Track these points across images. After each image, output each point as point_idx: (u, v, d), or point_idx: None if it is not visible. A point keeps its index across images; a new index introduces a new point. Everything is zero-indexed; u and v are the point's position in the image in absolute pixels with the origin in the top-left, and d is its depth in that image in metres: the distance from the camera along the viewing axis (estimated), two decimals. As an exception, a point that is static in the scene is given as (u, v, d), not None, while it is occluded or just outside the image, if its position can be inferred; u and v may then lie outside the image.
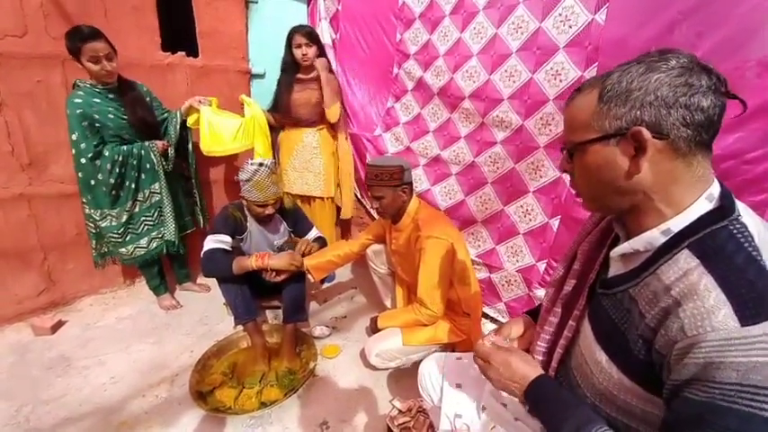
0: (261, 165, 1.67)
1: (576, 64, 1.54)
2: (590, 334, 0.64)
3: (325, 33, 2.48)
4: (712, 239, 0.51)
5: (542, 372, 0.69)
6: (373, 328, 1.62)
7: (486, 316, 2.01)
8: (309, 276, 1.77)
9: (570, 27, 1.54)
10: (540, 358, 0.75)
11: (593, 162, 0.58)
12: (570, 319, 0.70)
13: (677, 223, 0.54)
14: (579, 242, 0.75)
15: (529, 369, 0.69)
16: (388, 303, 1.98)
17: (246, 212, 1.83)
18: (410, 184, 1.57)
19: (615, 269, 0.64)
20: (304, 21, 2.57)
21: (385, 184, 1.50)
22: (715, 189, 0.55)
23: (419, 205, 1.61)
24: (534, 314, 0.94)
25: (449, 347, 1.64)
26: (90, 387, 1.61)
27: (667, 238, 0.55)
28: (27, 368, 1.71)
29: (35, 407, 1.50)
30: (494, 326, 2.00)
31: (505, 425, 0.78)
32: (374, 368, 1.62)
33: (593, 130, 0.56)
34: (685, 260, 0.51)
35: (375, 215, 2.33)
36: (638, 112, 0.52)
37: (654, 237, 0.56)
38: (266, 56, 2.54)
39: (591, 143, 0.57)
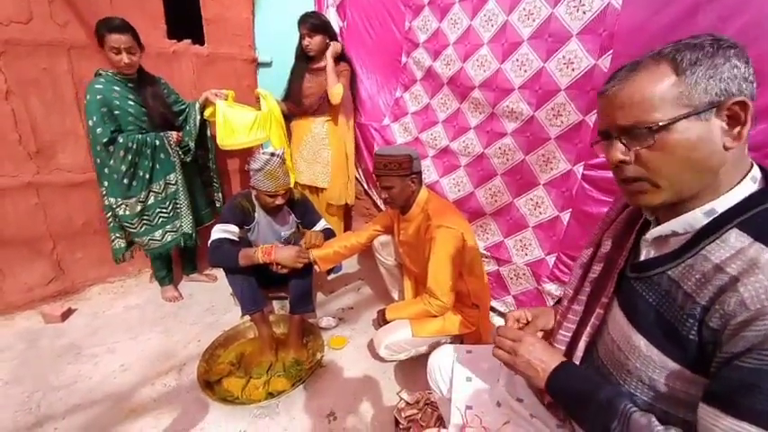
0: (273, 155, 1.66)
1: (589, 52, 1.50)
2: (622, 320, 0.63)
3: (333, 21, 2.44)
4: (764, 219, 0.51)
5: (565, 359, 0.69)
6: (381, 321, 1.61)
7: (493, 309, 2.00)
8: (316, 267, 1.76)
9: (584, 13, 1.48)
10: (563, 348, 0.74)
11: (684, 140, 0.53)
12: (597, 306, 0.69)
13: (723, 203, 0.54)
14: (604, 229, 0.73)
15: (553, 356, 0.69)
16: (395, 295, 1.98)
17: (255, 202, 1.83)
18: (419, 173, 1.55)
19: (648, 253, 0.64)
20: (311, 8, 2.52)
21: (394, 174, 1.48)
22: (756, 171, 0.56)
23: (429, 195, 1.60)
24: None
25: (457, 339, 1.63)
26: (100, 374, 1.63)
27: (710, 218, 0.55)
28: (38, 355, 1.73)
29: (46, 393, 1.53)
30: (501, 320, 1.99)
31: (520, 421, 0.77)
32: (382, 360, 1.62)
33: (681, 105, 0.53)
34: (737, 239, 0.51)
35: (382, 206, 2.32)
36: (725, 85, 0.51)
37: (696, 218, 0.56)
38: (273, 44, 2.50)
39: (681, 119, 0.53)
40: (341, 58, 2.26)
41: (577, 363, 0.71)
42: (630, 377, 0.61)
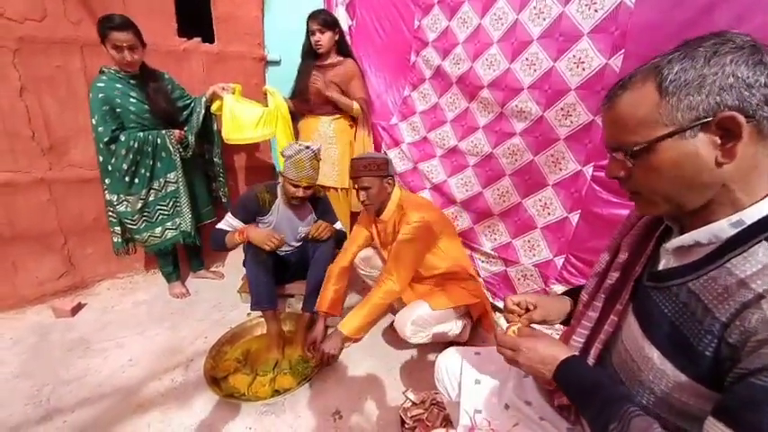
0: (307, 147, 1.73)
1: (600, 51, 1.48)
2: (636, 329, 0.61)
3: (342, 20, 2.44)
4: None
5: (573, 353, 0.67)
6: (340, 344, 1.58)
7: (500, 310, 1.99)
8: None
9: (596, 11, 1.47)
10: (577, 354, 0.72)
11: (667, 160, 0.53)
12: (612, 313, 0.67)
13: (751, 214, 0.51)
14: (623, 234, 0.71)
15: (558, 350, 0.67)
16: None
17: (277, 194, 1.86)
18: (393, 176, 1.64)
19: (667, 262, 0.61)
20: (320, 7, 2.52)
21: (374, 174, 1.55)
22: None
23: (401, 192, 1.68)
24: (572, 294, 0.90)
25: (467, 317, 1.71)
26: (109, 369, 1.65)
27: (738, 230, 0.52)
28: (48, 349, 1.76)
29: (56, 387, 1.55)
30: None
31: (529, 423, 0.76)
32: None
33: (662, 125, 0.52)
34: (765, 254, 0.48)
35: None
36: (719, 97, 0.49)
37: (721, 228, 0.53)
38: (282, 42, 2.51)
39: (662, 140, 0.52)
40: (346, 53, 2.25)
41: None
42: (643, 388, 0.60)
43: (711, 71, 0.49)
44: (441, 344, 1.70)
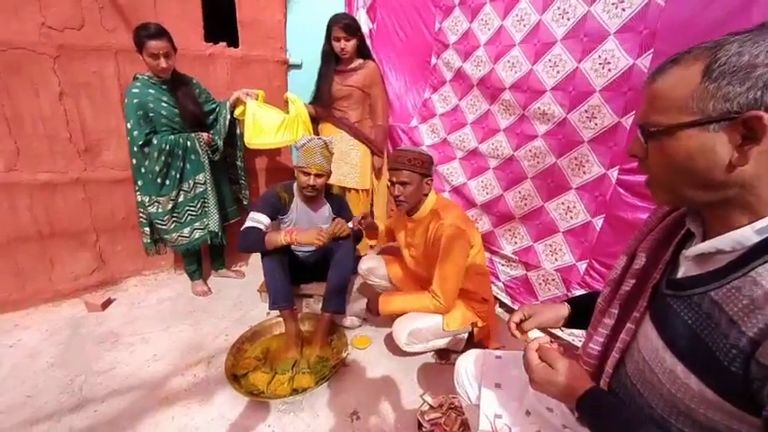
0: (319, 138, 1.78)
1: (627, 51, 1.44)
2: (656, 339, 0.58)
3: (363, 23, 2.46)
4: None
5: (593, 383, 0.64)
6: (374, 311, 1.64)
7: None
8: (370, 240, 1.88)
9: (623, 10, 1.43)
10: (592, 362, 0.70)
11: (682, 149, 0.50)
12: (628, 321, 0.64)
13: None
14: (640, 239, 0.68)
15: (578, 382, 0.65)
16: None
17: (294, 191, 1.90)
18: (432, 178, 1.58)
19: (687, 269, 0.58)
20: (341, 10, 2.56)
21: (416, 170, 1.50)
22: None
23: (438, 197, 1.63)
24: (575, 302, 0.90)
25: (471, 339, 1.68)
26: (135, 362, 1.71)
27: (763, 237, 0.49)
28: (81, 341, 1.84)
29: (88, 377, 1.62)
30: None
31: (551, 431, 0.75)
32: (402, 353, 1.63)
33: (690, 111, 0.48)
34: None
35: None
36: (759, 93, 0.44)
37: (746, 236, 0.50)
38: (303, 46, 2.55)
39: (684, 127, 0.49)
40: (367, 55, 2.27)
41: (607, 379, 0.67)
42: (664, 402, 0.56)
43: (765, 62, 0.44)
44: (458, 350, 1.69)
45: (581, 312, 0.84)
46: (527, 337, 0.80)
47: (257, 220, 1.79)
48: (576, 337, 1.72)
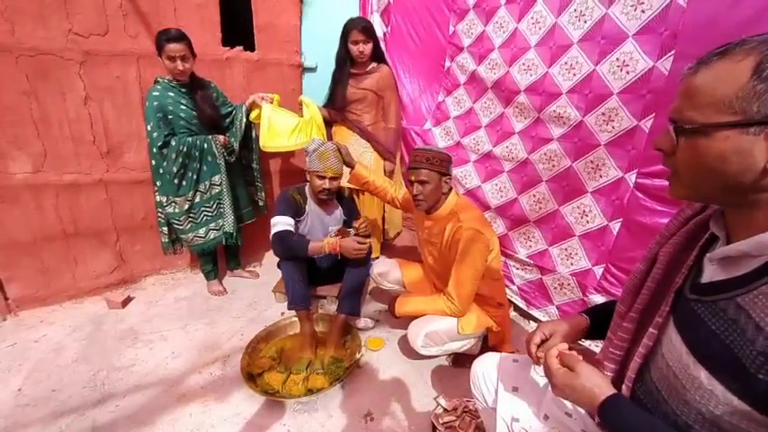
0: (329, 141, 1.80)
1: (647, 53, 1.42)
2: (680, 345, 0.57)
3: (377, 27, 2.48)
4: None
5: (614, 390, 0.64)
6: (392, 311, 1.66)
7: (535, 319, 1.94)
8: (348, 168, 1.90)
9: (643, 12, 1.41)
10: (613, 366, 0.69)
11: (716, 150, 0.48)
12: (650, 326, 0.63)
13: None
14: (662, 243, 0.67)
15: (600, 387, 0.64)
16: None
17: (307, 194, 1.92)
18: (451, 177, 1.58)
19: (712, 274, 0.57)
20: (356, 14, 2.58)
21: (435, 169, 1.50)
22: None
23: (458, 197, 1.62)
24: (593, 313, 0.88)
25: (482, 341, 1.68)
26: (154, 359, 1.75)
27: None
28: (103, 337, 1.89)
29: (109, 373, 1.66)
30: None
31: (570, 435, 0.75)
32: (416, 355, 1.64)
33: (732, 111, 0.46)
34: None
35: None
36: None
37: None
38: (318, 49, 2.58)
39: (723, 127, 0.46)
40: (381, 59, 2.28)
41: (629, 384, 0.66)
42: (689, 408, 0.55)
43: None
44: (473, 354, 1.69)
45: (600, 322, 0.83)
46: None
47: (287, 222, 1.80)
48: (592, 342, 1.70)
